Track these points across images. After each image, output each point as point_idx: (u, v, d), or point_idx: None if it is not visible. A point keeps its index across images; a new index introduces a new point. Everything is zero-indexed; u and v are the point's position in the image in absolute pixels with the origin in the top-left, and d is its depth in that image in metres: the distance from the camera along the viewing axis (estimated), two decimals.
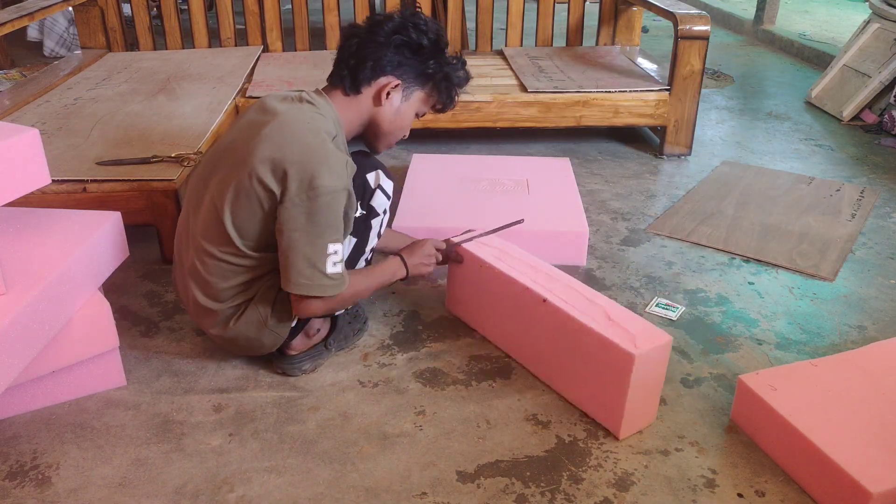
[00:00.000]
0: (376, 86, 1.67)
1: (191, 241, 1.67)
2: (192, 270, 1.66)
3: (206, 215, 1.62)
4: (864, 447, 1.42)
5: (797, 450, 1.48)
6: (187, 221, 1.70)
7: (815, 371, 1.63)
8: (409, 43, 1.65)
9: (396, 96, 1.69)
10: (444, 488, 1.48)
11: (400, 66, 1.66)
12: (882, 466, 1.37)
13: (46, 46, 4.76)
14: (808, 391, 1.57)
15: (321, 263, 1.54)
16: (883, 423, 1.49)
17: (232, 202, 1.56)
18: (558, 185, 2.59)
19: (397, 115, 1.71)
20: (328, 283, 1.56)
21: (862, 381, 1.61)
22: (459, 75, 1.74)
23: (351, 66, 1.65)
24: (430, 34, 1.67)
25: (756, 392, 1.57)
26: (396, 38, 1.64)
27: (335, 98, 1.67)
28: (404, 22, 1.65)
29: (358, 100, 1.68)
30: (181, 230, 1.73)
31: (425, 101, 1.75)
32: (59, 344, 1.60)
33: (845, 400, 1.55)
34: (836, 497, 1.40)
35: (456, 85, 1.75)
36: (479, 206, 2.41)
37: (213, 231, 1.60)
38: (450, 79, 1.72)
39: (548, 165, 2.79)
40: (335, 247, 1.55)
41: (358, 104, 1.68)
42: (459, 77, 1.74)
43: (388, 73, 1.66)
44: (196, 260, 1.64)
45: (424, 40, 1.66)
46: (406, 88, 1.70)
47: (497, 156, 2.98)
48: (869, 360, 1.68)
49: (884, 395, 1.57)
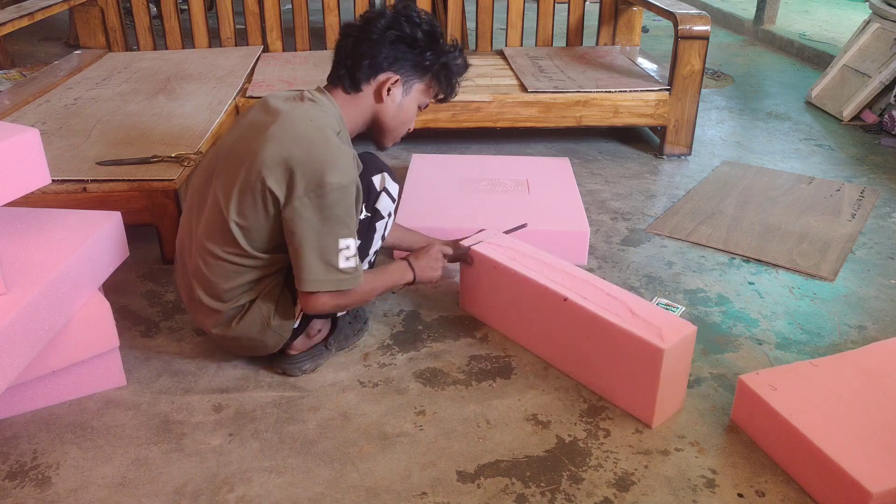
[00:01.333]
0: (376, 83, 1.67)
1: (194, 241, 1.67)
2: (196, 271, 1.66)
3: (210, 216, 1.62)
4: (864, 447, 1.42)
5: (797, 450, 1.48)
6: (190, 222, 1.70)
7: (815, 371, 1.64)
8: (403, 37, 1.65)
9: (397, 91, 1.69)
10: (444, 488, 1.48)
11: (397, 60, 1.66)
12: (882, 466, 1.37)
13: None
14: (808, 391, 1.57)
15: (334, 259, 1.54)
16: (883, 423, 1.48)
17: (237, 203, 1.56)
18: (558, 185, 2.59)
19: (400, 110, 1.71)
20: (342, 278, 1.56)
21: (862, 381, 1.61)
22: (458, 63, 1.74)
23: (348, 66, 1.65)
24: (423, 26, 1.67)
25: (756, 392, 1.57)
26: (391, 34, 1.64)
27: (337, 96, 1.68)
28: (397, 16, 1.65)
29: (359, 98, 1.68)
30: (183, 231, 1.73)
31: (426, 92, 1.75)
32: (59, 344, 1.60)
33: (845, 400, 1.55)
34: (836, 497, 1.40)
35: (455, 73, 1.74)
36: (479, 206, 2.41)
37: (217, 231, 1.60)
38: (448, 68, 1.72)
39: (548, 165, 2.79)
40: (346, 241, 1.55)
41: (360, 102, 1.68)
42: (458, 65, 1.74)
43: (386, 70, 1.66)
44: (199, 260, 1.64)
45: (419, 33, 1.66)
46: (406, 82, 1.70)
47: (497, 156, 2.99)
48: (869, 360, 1.68)
49: (884, 395, 1.57)
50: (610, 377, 1.68)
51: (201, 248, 1.63)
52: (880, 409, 1.53)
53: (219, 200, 1.60)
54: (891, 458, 1.40)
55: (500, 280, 1.89)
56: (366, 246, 1.75)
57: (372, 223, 1.74)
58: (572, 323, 1.72)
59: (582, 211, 2.39)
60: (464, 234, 2.08)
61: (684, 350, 1.62)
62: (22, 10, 2.87)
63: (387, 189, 1.74)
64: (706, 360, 1.87)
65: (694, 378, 1.80)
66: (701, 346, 1.92)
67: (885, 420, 1.49)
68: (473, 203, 2.44)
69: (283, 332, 1.70)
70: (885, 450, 1.42)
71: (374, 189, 1.72)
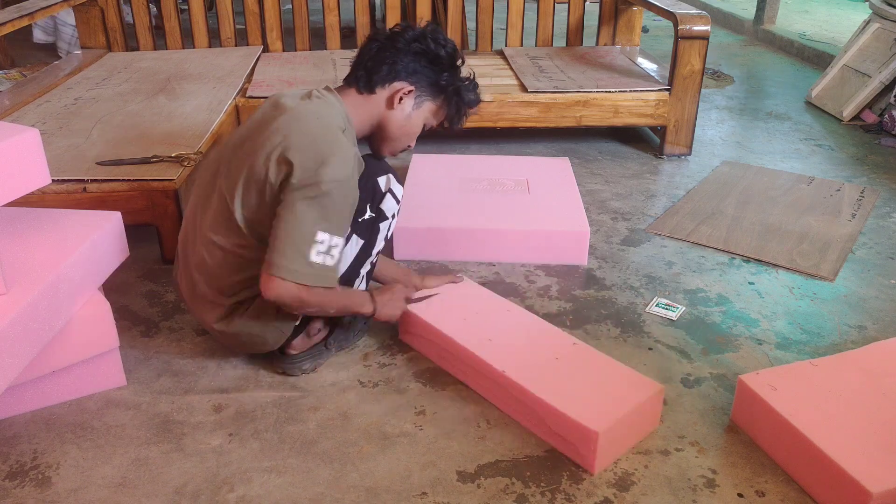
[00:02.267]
0: (390, 89, 1.69)
1: (199, 235, 1.67)
2: (200, 263, 1.66)
3: (216, 208, 1.63)
4: (864, 447, 1.42)
5: (797, 450, 1.48)
6: (195, 217, 1.71)
7: (815, 371, 1.64)
8: (426, 52, 1.69)
9: (409, 102, 1.71)
10: (444, 488, 1.48)
11: (415, 73, 1.70)
12: (882, 466, 1.37)
13: (60, 48, 4.80)
14: (808, 391, 1.57)
15: (306, 249, 1.51)
16: (883, 422, 1.48)
17: (242, 194, 1.58)
18: (558, 185, 2.59)
19: (407, 121, 1.73)
20: (307, 272, 1.52)
21: (862, 381, 1.61)
22: (471, 96, 1.78)
23: (368, 67, 1.69)
24: (447, 48, 1.72)
25: (756, 392, 1.57)
26: (415, 46, 1.69)
27: (348, 96, 1.70)
28: (424, 32, 1.71)
29: (371, 100, 1.70)
30: (188, 225, 1.74)
31: (435, 112, 1.78)
32: (59, 344, 1.60)
33: (845, 400, 1.55)
34: (836, 497, 1.40)
35: (466, 104, 1.78)
36: (479, 206, 2.41)
37: (223, 224, 1.62)
38: (461, 95, 1.76)
39: (548, 165, 2.79)
40: (324, 236, 1.52)
41: (370, 104, 1.70)
42: (470, 98, 1.78)
43: (403, 79, 1.69)
44: (205, 252, 1.65)
45: (442, 52, 1.71)
46: (418, 97, 1.72)
47: (497, 156, 2.99)
48: (869, 360, 1.68)
49: (884, 394, 1.57)
50: (556, 440, 1.58)
51: (207, 241, 1.64)
52: (880, 409, 1.53)
53: (224, 192, 1.61)
54: (891, 458, 1.40)
55: (438, 342, 1.82)
56: (368, 246, 1.75)
57: (375, 224, 1.74)
58: (510, 398, 1.65)
59: (582, 211, 2.39)
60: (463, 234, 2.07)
61: (638, 416, 1.56)
62: (22, 10, 2.87)
63: (392, 190, 1.74)
64: (706, 360, 1.88)
65: (694, 378, 1.80)
66: (701, 346, 1.92)
67: (885, 420, 1.49)
68: (474, 203, 2.44)
69: (284, 328, 1.70)
70: (885, 450, 1.42)
71: (379, 190, 1.72)
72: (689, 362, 1.86)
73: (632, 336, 1.95)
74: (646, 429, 1.61)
